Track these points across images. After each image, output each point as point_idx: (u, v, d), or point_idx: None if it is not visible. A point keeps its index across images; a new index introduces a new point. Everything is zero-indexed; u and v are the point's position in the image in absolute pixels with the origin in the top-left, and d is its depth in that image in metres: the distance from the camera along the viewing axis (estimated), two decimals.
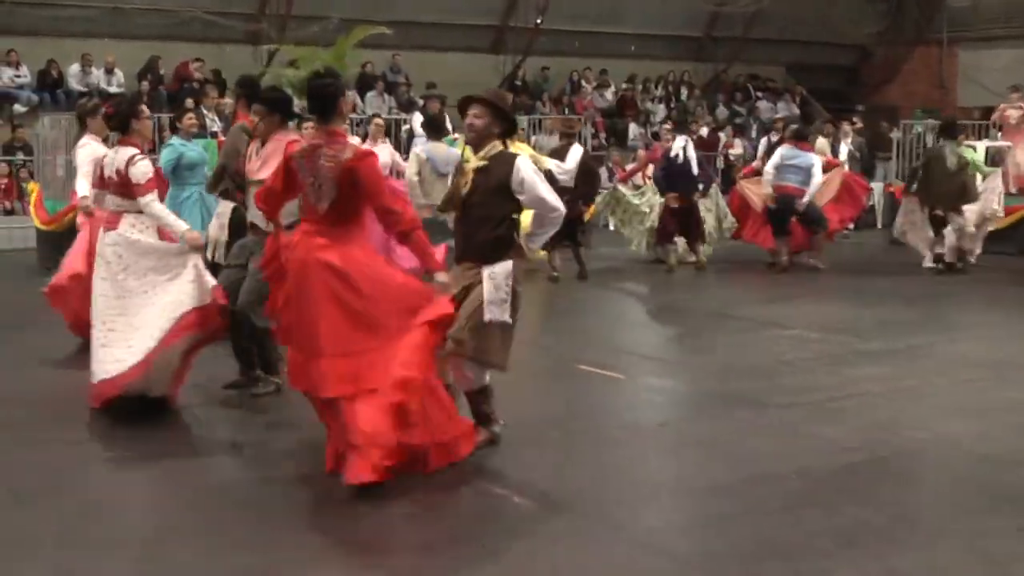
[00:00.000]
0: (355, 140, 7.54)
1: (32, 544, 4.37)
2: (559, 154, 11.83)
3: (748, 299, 11.11)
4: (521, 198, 5.37)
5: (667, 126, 13.98)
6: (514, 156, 5.43)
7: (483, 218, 5.35)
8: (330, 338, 4.87)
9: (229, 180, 7.14)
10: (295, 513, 4.72)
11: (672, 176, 12.51)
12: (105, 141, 8.19)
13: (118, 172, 6.19)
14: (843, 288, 11.67)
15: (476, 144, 5.47)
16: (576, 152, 11.83)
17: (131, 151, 6.24)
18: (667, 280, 12.43)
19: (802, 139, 12.61)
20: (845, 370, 7.51)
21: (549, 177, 11.55)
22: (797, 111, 22.89)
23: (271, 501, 4.87)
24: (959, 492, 5.07)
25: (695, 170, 12.56)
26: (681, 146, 12.43)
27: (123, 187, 6.18)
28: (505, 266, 5.32)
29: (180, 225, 6.20)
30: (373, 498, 4.80)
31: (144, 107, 6.59)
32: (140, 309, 6.07)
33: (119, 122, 6.36)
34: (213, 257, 7.72)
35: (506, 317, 5.30)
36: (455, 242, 5.54)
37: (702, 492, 5.02)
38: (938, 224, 12.43)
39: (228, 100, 14.61)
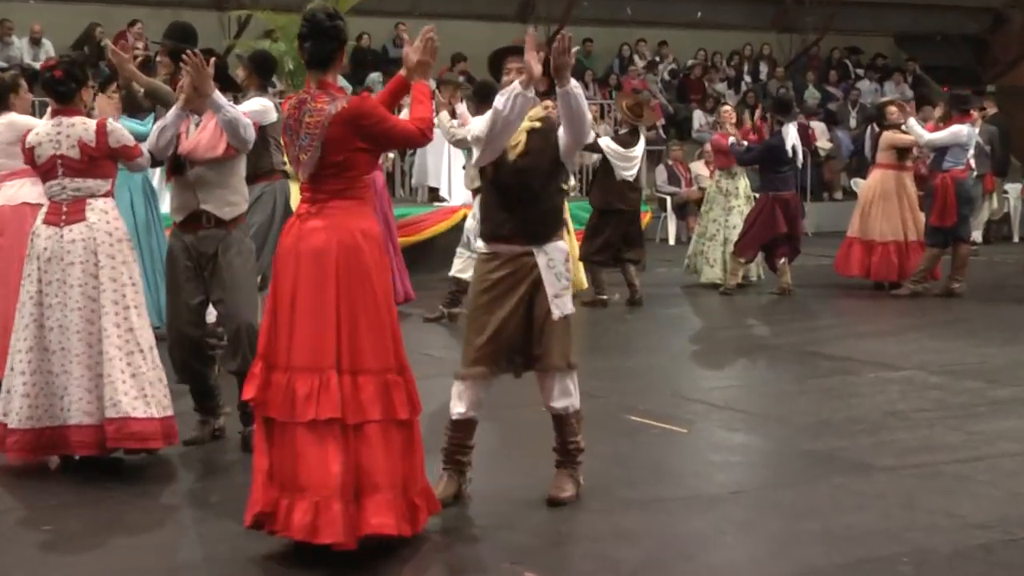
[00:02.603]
0: None
1: None
2: (624, 142, 11.91)
3: (844, 332, 11.06)
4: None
5: (727, 108, 14.00)
6: (558, 117, 5.74)
7: (535, 187, 5.64)
8: (311, 347, 4.95)
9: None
10: None
11: (775, 170, 12.75)
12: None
13: (82, 147, 6.19)
14: (968, 319, 11.60)
15: None
16: (643, 141, 12.08)
17: (89, 120, 6.29)
18: (739, 308, 12.41)
19: (967, 112, 13.00)
20: (972, 424, 7.46)
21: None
22: (909, 93, 22.84)
23: None
24: None
25: (800, 162, 12.95)
26: (795, 135, 12.66)
27: (88, 165, 6.20)
28: (560, 247, 5.71)
29: None
30: None
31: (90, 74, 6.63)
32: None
33: (70, 88, 6.31)
34: None
35: (571, 307, 5.71)
36: (484, 217, 5.80)
37: None
38: None
39: None
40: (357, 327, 4.97)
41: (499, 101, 5.50)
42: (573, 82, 5.46)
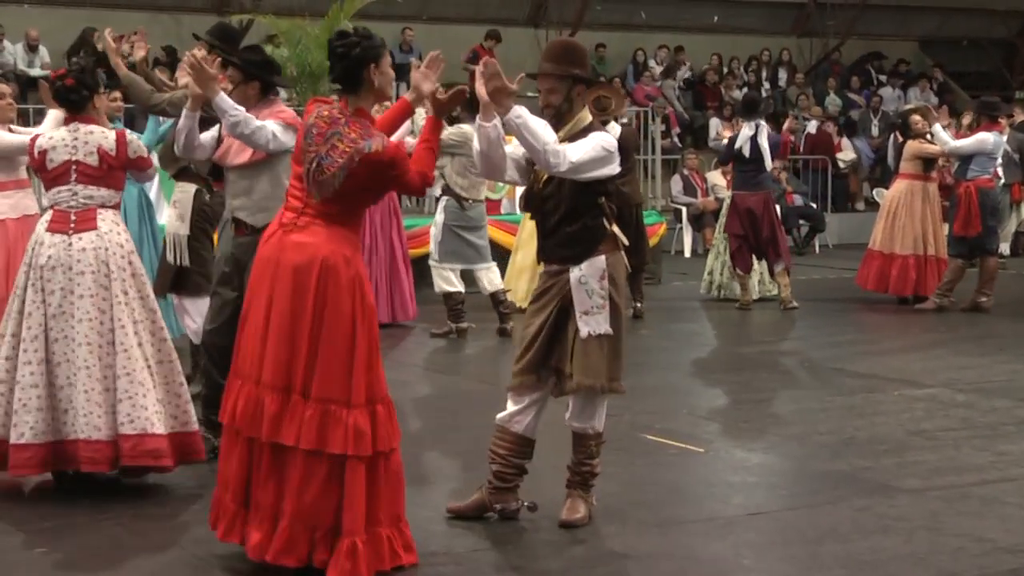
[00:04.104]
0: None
1: None
2: None
3: (867, 348, 11.06)
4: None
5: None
6: (588, 130, 5.66)
7: (563, 209, 5.65)
8: (281, 366, 5.02)
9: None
10: None
11: (736, 169, 12.80)
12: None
13: (102, 155, 6.22)
14: (996, 334, 11.59)
15: (556, 123, 5.69)
16: (613, 132, 11.80)
17: (106, 129, 6.33)
18: (758, 323, 12.41)
19: (995, 120, 13.02)
20: (1000, 444, 7.45)
21: None
22: (935, 100, 22.85)
23: None
24: None
25: (768, 164, 12.77)
26: (749, 135, 12.51)
27: (106, 174, 6.24)
28: (595, 263, 5.64)
29: None
30: None
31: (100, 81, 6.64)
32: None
33: (83, 98, 6.33)
34: (177, 260, 7.86)
35: (607, 327, 5.60)
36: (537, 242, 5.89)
37: None
38: None
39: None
40: (316, 350, 5.01)
41: (474, 140, 5.61)
42: (517, 110, 5.38)
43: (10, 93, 8.17)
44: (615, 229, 5.75)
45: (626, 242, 5.84)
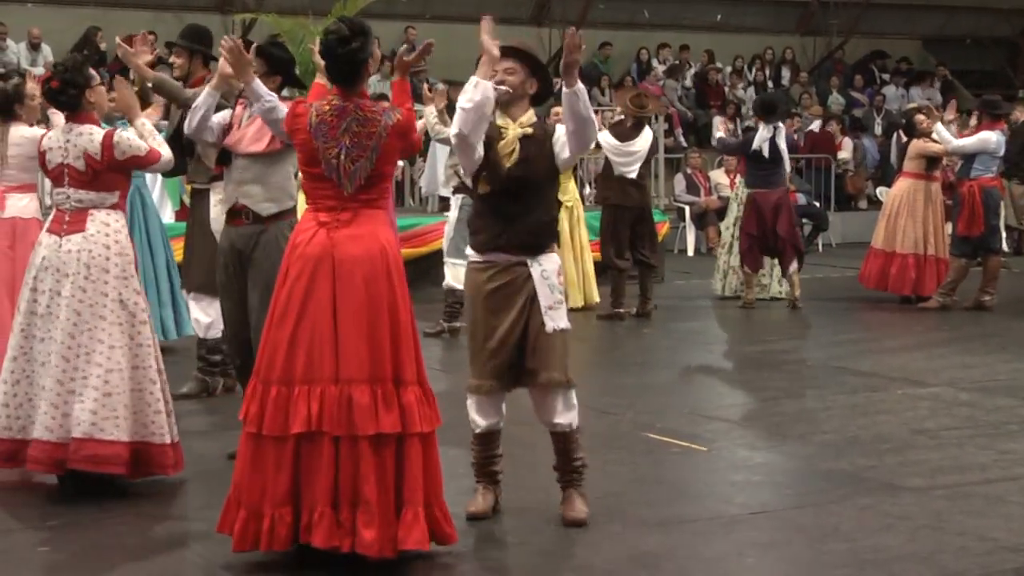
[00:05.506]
0: None
1: None
2: (623, 135, 11.84)
3: (870, 347, 11.05)
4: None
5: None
6: (553, 125, 5.88)
7: (530, 197, 5.68)
8: (365, 358, 5.01)
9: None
10: None
11: (751, 168, 12.83)
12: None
13: (87, 159, 6.17)
14: (999, 333, 11.58)
15: (506, 106, 5.75)
16: (648, 135, 11.85)
17: (97, 129, 6.25)
18: (761, 322, 12.40)
19: (998, 118, 13.01)
20: (1003, 443, 7.44)
21: None
22: (939, 99, 22.84)
23: None
24: None
25: (787, 164, 12.79)
26: (767, 136, 12.49)
27: (93, 178, 6.19)
28: (553, 259, 5.74)
29: None
30: None
31: (95, 73, 6.54)
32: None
33: (72, 97, 6.26)
34: None
35: (566, 322, 5.69)
36: (476, 227, 5.80)
37: None
38: None
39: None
40: (398, 335, 5.07)
41: (461, 96, 5.52)
42: (579, 83, 5.51)
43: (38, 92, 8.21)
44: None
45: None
